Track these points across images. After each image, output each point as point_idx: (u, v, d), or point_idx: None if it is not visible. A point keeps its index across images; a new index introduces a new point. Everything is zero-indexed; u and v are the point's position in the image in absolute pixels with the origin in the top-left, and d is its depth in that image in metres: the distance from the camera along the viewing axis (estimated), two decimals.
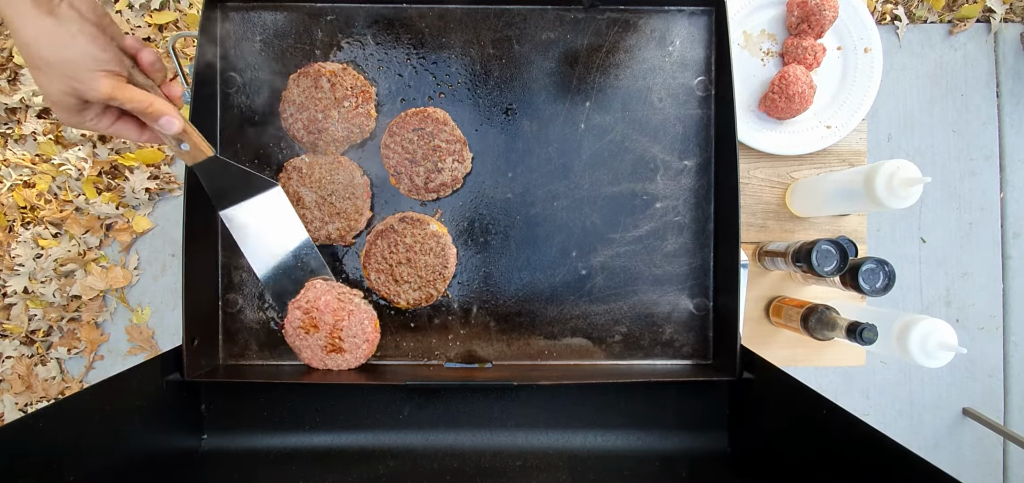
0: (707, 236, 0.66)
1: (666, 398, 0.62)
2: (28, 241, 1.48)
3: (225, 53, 0.64)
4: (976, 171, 1.58)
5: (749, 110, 0.82)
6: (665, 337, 0.66)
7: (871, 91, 0.80)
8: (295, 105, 0.63)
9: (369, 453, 0.61)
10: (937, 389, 1.60)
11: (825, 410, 0.46)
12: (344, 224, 0.64)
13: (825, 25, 0.76)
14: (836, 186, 0.74)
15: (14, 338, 1.50)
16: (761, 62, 0.82)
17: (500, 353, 0.66)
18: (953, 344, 0.65)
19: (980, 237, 1.59)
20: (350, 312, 0.61)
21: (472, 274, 0.66)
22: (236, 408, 0.62)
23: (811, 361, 0.85)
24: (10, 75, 1.49)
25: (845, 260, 0.68)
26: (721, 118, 0.65)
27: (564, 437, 0.62)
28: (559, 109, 0.66)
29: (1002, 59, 1.58)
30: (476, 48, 0.65)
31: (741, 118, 0.81)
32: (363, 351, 0.62)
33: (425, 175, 0.64)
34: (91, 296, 1.50)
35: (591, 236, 0.66)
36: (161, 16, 1.51)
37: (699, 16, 0.66)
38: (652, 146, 0.66)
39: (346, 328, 0.61)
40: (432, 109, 0.64)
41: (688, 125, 0.66)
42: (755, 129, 0.81)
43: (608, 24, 0.65)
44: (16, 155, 1.47)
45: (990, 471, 1.60)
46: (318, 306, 0.60)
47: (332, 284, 0.62)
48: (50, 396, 1.52)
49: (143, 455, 0.54)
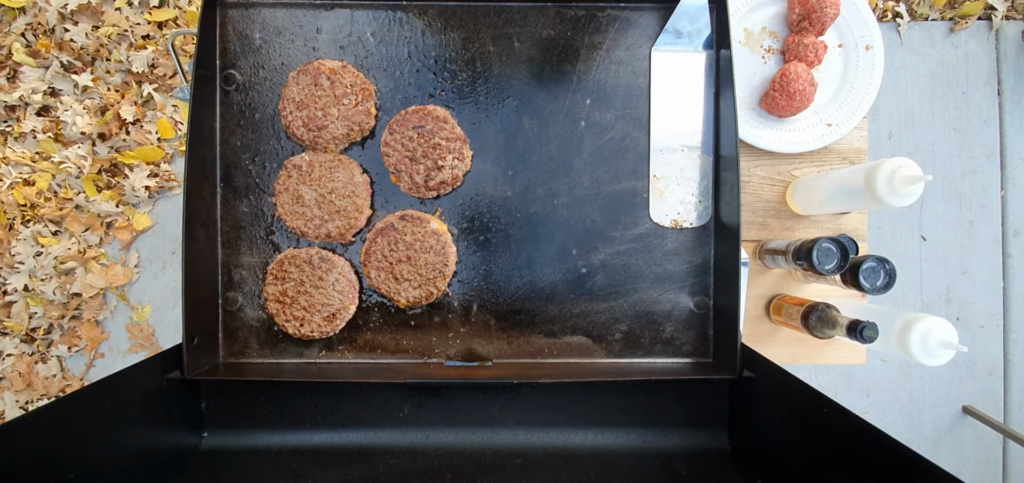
0: (707, 234, 0.66)
1: (666, 396, 0.62)
2: (28, 239, 1.48)
3: (224, 50, 0.64)
4: (977, 169, 1.58)
5: (750, 107, 0.82)
6: (665, 335, 0.66)
7: (872, 89, 0.80)
8: (295, 103, 0.63)
9: (369, 451, 0.61)
10: (937, 387, 1.60)
11: (825, 408, 0.46)
12: (344, 222, 0.64)
13: (826, 22, 0.76)
14: (837, 184, 0.74)
15: (15, 336, 1.50)
16: (762, 59, 0.82)
17: (500, 351, 0.66)
18: (954, 342, 0.65)
19: (981, 235, 1.59)
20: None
21: (472, 272, 0.66)
22: (236, 406, 0.62)
23: (811, 359, 0.85)
24: (9, 73, 1.49)
25: (846, 258, 0.68)
26: (722, 116, 0.65)
27: (564, 435, 0.62)
28: (559, 106, 0.65)
29: (1003, 57, 1.58)
30: (476, 45, 0.65)
31: (742, 116, 0.81)
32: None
33: (425, 173, 0.63)
34: (91, 294, 1.50)
35: (591, 234, 0.66)
36: (161, 13, 1.51)
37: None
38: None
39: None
40: (432, 107, 0.64)
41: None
42: (756, 127, 0.81)
43: (609, 21, 0.65)
44: (16, 153, 1.47)
45: (990, 469, 1.60)
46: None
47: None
48: (51, 394, 1.52)
49: (143, 453, 0.54)
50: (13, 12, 1.48)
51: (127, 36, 1.50)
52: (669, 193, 0.66)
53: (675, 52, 0.66)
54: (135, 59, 1.49)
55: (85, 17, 1.48)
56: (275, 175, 0.65)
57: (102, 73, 1.51)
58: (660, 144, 0.66)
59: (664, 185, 0.66)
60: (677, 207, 0.66)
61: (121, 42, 1.50)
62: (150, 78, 1.51)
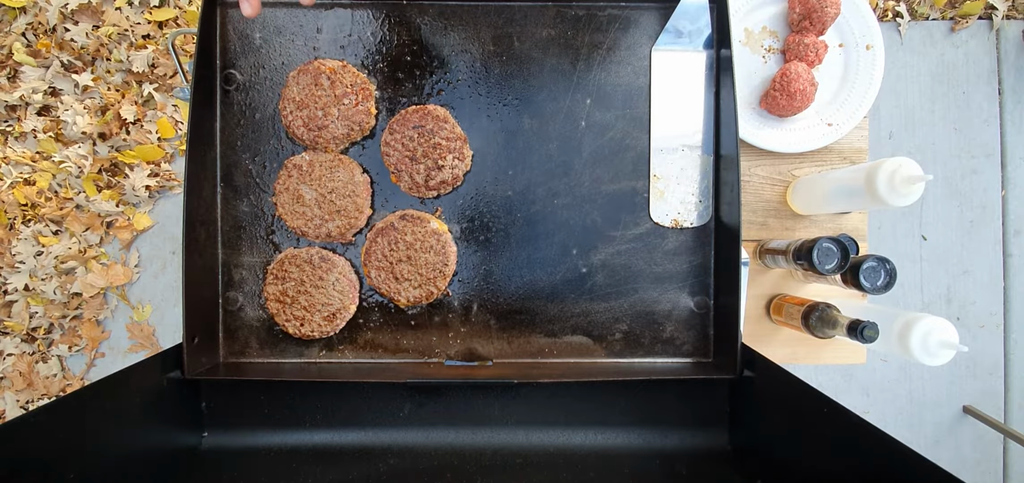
0: (708, 234, 0.66)
1: (666, 396, 0.62)
2: (29, 238, 1.48)
3: (225, 50, 0.64)
4: (977, 169, 1.58)
5: (750, 107, 0.82)
6: (666, 335, 0.66)
7: (873, 88, 0.80)
8: (295, 102, 0.63)
9: (369, 451, 0.61)
10: (938, 387, 1.60)
11: (826, 408, 0.46)
12: (344, 222, 0.64)
13: (827, 22, 0.76)
14: (837, 184, 0.74)
15: (15, 335, 1.50)
16: (762, 59, 0.82)
17: (500, 351, 0.66)
18: (954, 342, 0.65)
19: (981, 235, 1.59)
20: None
21: (472, 272, 0.66)
22: (236, 406, 0.62)
23: (812, 359, 0.85)
24: (10, 73, 1.49)
25: (846, 258, 0.68)
26: (722, 116, 0.65)
27: (564, 435, 0.62)
28: (560, 106, 0.65)
29: (1004, 56, 1.58)
30: (476, 45, 0.65)
31: (742, 115, 0.81)
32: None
33: (425, 172, 0.63)
34: (92, 293, 1.50)
35: (592, 234, 0.66)
36: (161, 13, 1.51)
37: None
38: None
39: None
40: (432, 106, 0.64)
41: None
42: (756, 126, 0.81)
43: (609, 20, 0.65)
44: (16, 152, 1.47)
45: (990, 469, 1.60)
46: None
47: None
48: (51, 393, 1.52)
49: (143, 452, 0.54)
50: (14, 12, 1.48)
51: (127, 36, 1.50)
52: (669, 193, 0.66)
53: (675, 52, 0.66)
54: (135, 59, 1.49)
55: (85, 17, 1.48)
56: (275, 175, 0.65)
57: (102, 73, 1.51)
58: (660, 144, 0.66)
59: (664, 185, 0.66)
60: (677, 207, 0.66)
61: (121, 42, 1.50)
62: (150, 78, 1.51)
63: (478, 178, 0.66)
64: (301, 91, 0.63)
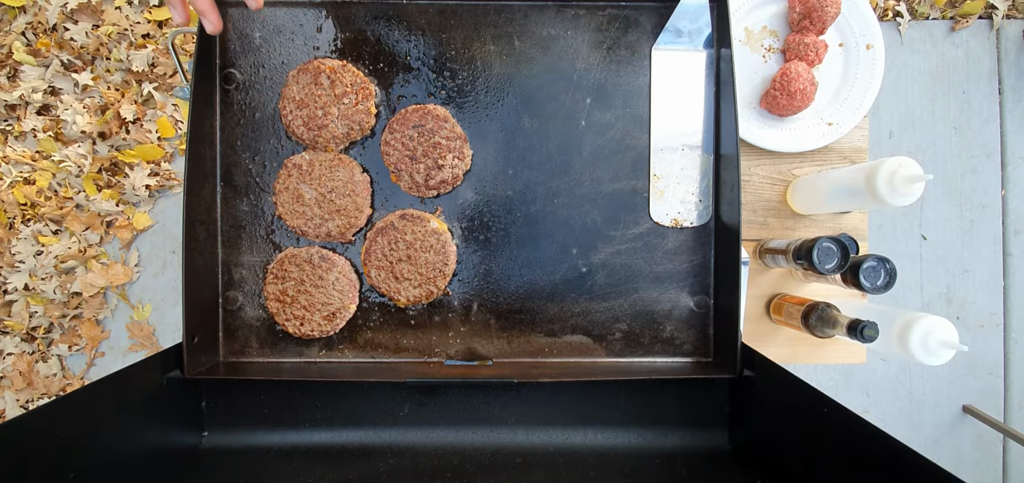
0: (708, 233, 0.66)
1: (666, 395, 0.62)
2: (28, 238, 1.48)
3: (224, 49, 0.64)
4: (977, 168, 1.58)
5: (750, 107, 0.82)
6: (666, 334, 0.66)
7: (873, 88, 0.80)
8: (295, 102, 0.63)
9: (369, 450, 0.61)
10: (937, 386, 1.60)
11: (825, 408, 0.46)
12: (344, 221, 0.64)
13: (827, 21, 0.76)
14: (837, 183, 0.74)
15: (15, 335, 1.50)
16: (763, 59, 0.82)
17: (500, 350, 0.66)
18: (954, 342, 0.65)
19: (981, 234, 1.59)
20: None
21: (472, 271, 0.66)
22: (236, 405, 0.62)
23: (812, 358, 0.85)
24: (10, 72, 1.49)
25: (846, 257, 0.68)
26: (722, 115, 0.64)
27: (564, 434, 0.62)
28: (559, 106, 0.65)
29: (1004, 56, 1.58)
30: (477, 44, 0.65)
31: (742, 115, 0.81)
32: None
33: (425, 172, 0.63)
34: (92, 293, 1.50)
35: (592, 233, 0.66)
36: (160, 12, 1.51)
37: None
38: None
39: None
40: (432, 106, 0.64)
41: None
42: (756, 126, 0.81)
43: (609, 20, 0.65)
44: (16, 152, 1.47)
45: (990, 468, 1.60)
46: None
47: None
48: (51, 393, 1.52)
49: (143, 452, 0.54)
50: (13, 11, 1.48)
51: (127, 35, 1.50)
52: (669, 192, 0.66)
53: (676, 51, 0.65)
54: (135, 58, 1.49)
55: (85, 16, 1.48)
56: (275, 174, 0.65)
57: (102, 72, 1.50)
58: (660, 143, 0.66)
59: (664, 184, 0.66)
60: (677, 206, 0.66)
61: (121, 41, 1.50)
62: (150, 77, 1.51)
63: (478, 178, 0.66)
64: (301, 90, 0.63)
